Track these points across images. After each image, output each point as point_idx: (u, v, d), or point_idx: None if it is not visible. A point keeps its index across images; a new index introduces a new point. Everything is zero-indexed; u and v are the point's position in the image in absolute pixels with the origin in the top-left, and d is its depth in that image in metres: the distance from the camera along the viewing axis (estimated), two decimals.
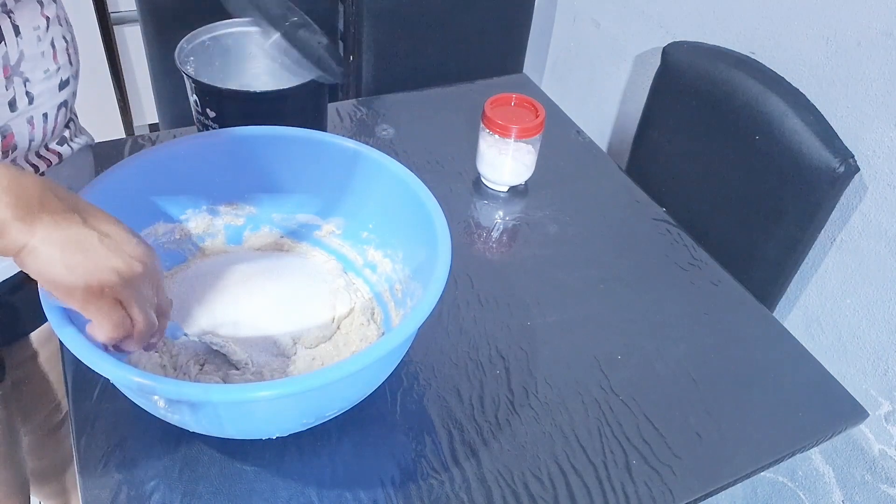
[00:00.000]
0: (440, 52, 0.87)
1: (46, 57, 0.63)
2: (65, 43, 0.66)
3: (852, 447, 1.05)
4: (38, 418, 0.90)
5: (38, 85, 0.63)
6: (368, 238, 0.75)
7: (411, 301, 0.68)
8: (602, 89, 1.46)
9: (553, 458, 0.67)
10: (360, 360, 0.52)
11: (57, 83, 0.65)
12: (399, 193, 0.69)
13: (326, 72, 0.81)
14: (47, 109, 0.65)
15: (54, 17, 0.64)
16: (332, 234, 0.77)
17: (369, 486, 0.63)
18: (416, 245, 0.68)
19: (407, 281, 0.70)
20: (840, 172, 0.91)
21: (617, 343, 0.78)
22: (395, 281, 0.72)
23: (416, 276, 0.68)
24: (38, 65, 0.62)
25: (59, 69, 0.65)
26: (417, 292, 0.66)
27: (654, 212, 0.97)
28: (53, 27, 0.64)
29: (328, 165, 0.73)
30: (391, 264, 0.73)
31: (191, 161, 0.71)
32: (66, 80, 0.67)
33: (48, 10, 0.64)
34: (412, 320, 0.55)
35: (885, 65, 0.89)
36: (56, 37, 0.65)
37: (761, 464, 0.69)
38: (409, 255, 0.71)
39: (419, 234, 0.66)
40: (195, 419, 0.55)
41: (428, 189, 0.67)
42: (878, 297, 0.97)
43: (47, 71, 0.63)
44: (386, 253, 0.74)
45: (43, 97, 0.64)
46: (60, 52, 0.65)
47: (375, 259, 0.75)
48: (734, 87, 1.03)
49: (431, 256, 0.62)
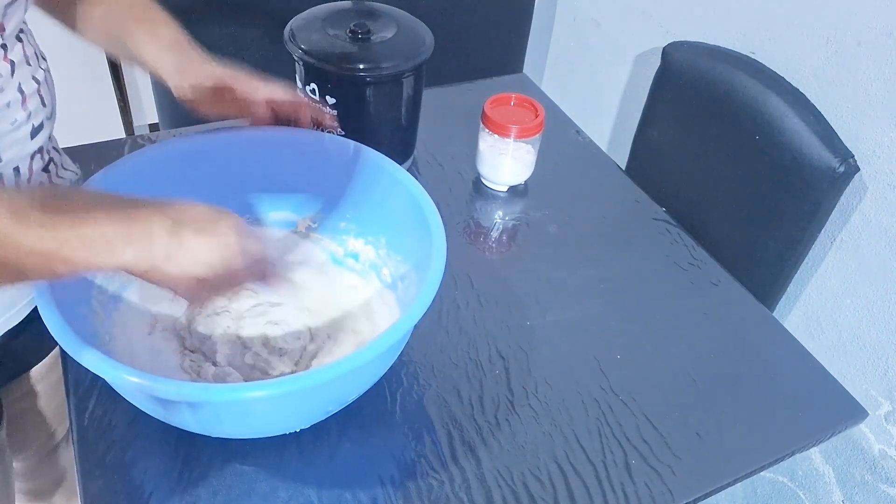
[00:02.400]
0: (439, 52, 0.87)
1: (13, 107, 0.57)
2: (35, 84, 0.60)
3: (852, 447, 1.05)
4: (34, 447, 0.87)
5: (3, 139, 0.57)
6: (347, 228, 0.76)
7: (402, 283, 0.68)
8: (602, 89, 1.46)
9: (553, 458, 0.67)
10: (352, 361, 0.52)
11: (28, 132, 0.59)
12: (390, 190, 0.70)
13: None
14: (18, 163, 0.59)
15: (21, 59, 0.58)
16: (334, 234, 0.77)
17: (369, 485, 0.63)
18: (412, 240, 0.68)
19: (404, 276, 0.70)
20: (840, 172, 0.91)
21: (617, 343, 0.78)
22: (390, 277, 0.73)
23: (414, 271, 0.68)
24: (3, 117, 0.56)
25: (29, 116, 0.59)
26: (411, 276, 0.66)
27: (654, 212, 0.97)
28: (20, 70, 0.57)
29: (330, 165, 0.73)
30: (388, 262, 0.73)
31: (189, 161, 0.71)
32: (40, 125, 0.61)
33: (13, 53, 0.57)
34: (411, 316, 0.55)
35: (885, 65, 0.89)
36: (24, 80, 0.58)
37: (761, 464, 0.69)
38: (406, 253, 0.71)
39: (413, 229, 0.66)
40: (195, 419, 0.55)
41: (420, 185, 0.68)
42: (878, 297, 0.97)
43: (14, 122, 0.57)
44: (367, 241, 0.75)
45: (12, 150, 0.58)
46: (31, 97, 0.59)
47: (357, 248, 0.75)
48: (734, 87, 1.03)
49: (427, 253, 0.62)
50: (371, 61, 0.83)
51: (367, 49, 0.84)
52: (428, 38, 0.87)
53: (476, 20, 1.48)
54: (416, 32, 0.88)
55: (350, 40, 0.84)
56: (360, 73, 0.83)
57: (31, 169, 0.62)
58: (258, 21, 1.31)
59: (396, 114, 0.90)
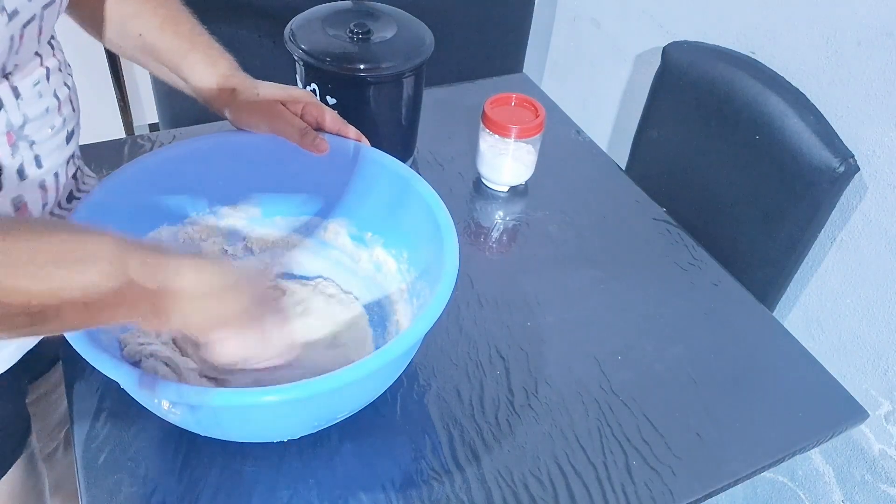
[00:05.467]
0: (439, 52, 0.87)
1: (51, 112, 0.59)
2: (67, 90, 0.62)
3: (852, 447, 1.05)
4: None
5: (44, 145, 0.58)
6: (373, 239, 0.75)
7: (417, 300, 0.68)
8: (602, 89, 1.46)
9: (553, 458, 0.67)
10: (364, 367, 0.52)
11: (64, 137, 0.61)
12: (403, 194, 0.70)
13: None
14: (58, 168, 0.61)
15: (55, 66, 0.60)
16: (337, 234, 0.77)
17: (369, 486, 0.63)
18: (422, 243, 0.68)
19: (413, 281, 0.70)
20: (840, 172, 0.91)
21: (617, 343, 0.78)
22: (401, 281, 0.72)
23: (423, 276, 0.68)
24: (44, 123, 0.58)
25: (64, 122, 0.61)
26: (424, 292, 0.66)
27: (654, 212, 0.97)
28: (54, 77, 0.60)
29: (331, 165, 0.73)
30: (396, 264, 0.73)
31: (193, 164, 0.71)
32: (73, 131, 0.63)
33: (48, 60, 0.59)
34: (418, 327, 0.55)
35: (885, 65, 0.89)
36: (58, 87, 0.60)
37: (761, 464, 0.69)
38: (414, 255, 0.71)
39: (425, 233, 0.66)
40: (195, 420, 0.55)
41: (433, 189, 0.68)
42: (878, 297, 0.97)
43: (53, 127, 0.59)
44: (391, 253, 0.74)
45: (52, 157, 0.60)
46: (65, 103, 0.61)
47: (380, 258, 0.75)
48: (734, 87, 1.03)
49: (438, 257, 0.62)
50: (371, 61, 0.83)
51: (367, 49, 0.84)
52: (428, 38, 0.87)
53: (476, 20, 1.48)
54: (416, 32, 0.88)
55: (350, 40, 0.84)
56: (360, 73, 0.83)
57: (67, 175, 0.63)
58: (258, 21, 1.31)
59: (396, 114, 0.90)
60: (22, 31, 0.52)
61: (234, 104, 0.70)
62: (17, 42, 0.52)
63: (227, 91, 0.70)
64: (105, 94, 1.73)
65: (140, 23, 0.70)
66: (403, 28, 0.87)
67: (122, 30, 0.71)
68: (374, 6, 0.90)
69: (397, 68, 0.84)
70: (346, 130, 0.72)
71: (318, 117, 0.71)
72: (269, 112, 0.70)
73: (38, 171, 0.58)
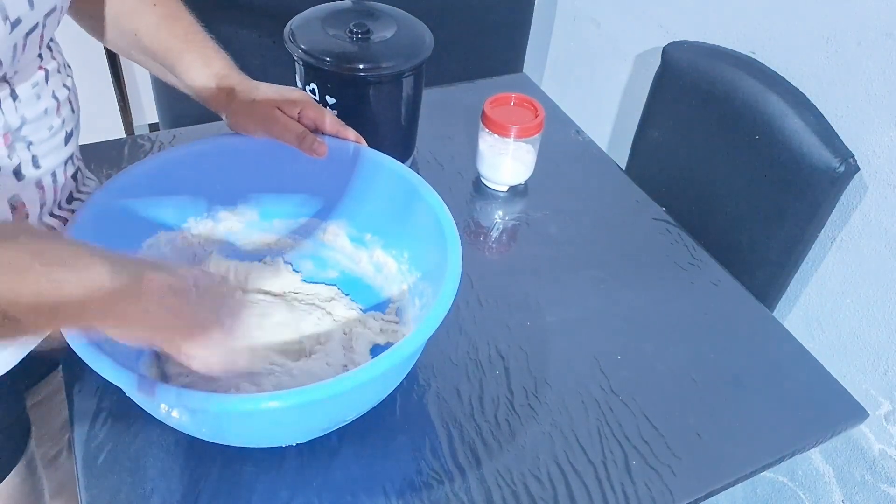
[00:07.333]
0: (439, 52, 0.87)
1: (50, 114, 0.59)
2: (66, 91, 0.62)
3: (852, 447, 1.05)
4: (38, 453, 0.87)
5: (42, 146, 0.58)
6: (373, 240, 0.75)
7: (420, 300, 0.68)
8: (602, 89, 1.46)
9: (553, 458, 0.67)
10: (367, 372, 0.52)
11: (62, 138, 0.61)
12: (404, 195, 0.70)
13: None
14: (55, 168, 0.61)
15: (54, 68, 0.60)
16: (336, 236, 0.77)
17: (369, 486, 0.63)
18: (424, 244, 0.68)
19: (416, 281, 0.70)
20: (840, 172, 0.91)
21: (617, 343, 0.78)
22: (402, 281, 0.72)
23: (426, 276, 0.68)
24: (42, 124, 0.58)
25: (63, 123, 0.61)
26: (427, 291, 0.66)
27: (654, 212, 0.97)
28: (53, 78, 0.59)
29: (330, 167, 0.73)
30: (396, 265, 0.73)
31: (192, 166, 0.71)
32: (71, 132, 0.62)
33: (47, 63, 0.59)
34: (423, 330, 0.55)
35: (885, 65, 0.89)
36: (57, 88, 0.60)
37: (761, 464, 0.69)
38: (415, 256, 0.71)
39: (427, 234, 0.66)
40: (194, 424, 0.55)
41: (433, 189, 0.68)
42: (878, 297, 0.97)
43: (51, 128, 0.59)
44: (391, 254, 0.74)
45: (49, 158, 0.59)
46: (63, 104, 0.61)
47: (380, 259, 0.75)
48: (734, 87, 1.03)
49: (441, 258, 0.62)
50: (371, 61, 0.83)
51: (367, 49, 0.84)
52: (428, 38, 0.87)
53: (476, 20, 1.48)
54: (416, 32, 0.88)
55: (350, 40, 0.84)
56: (360, 73, 0.83)
57: (66, 175, 0.63)
58: (258, 21, 1.31)
59: (396, 114, 0.90)
60: (25, 41, 0.52)
61: (232, 107, 0.70)
62: (20, 51, 0.52)
63: (225, 91, 0.70)
64: (105, 94, 1.73)
65: (136, 21, 0.70)
66: (403, 28, 0.87)
67: (120, 28, 0.70)
68: (373, 6, 0.90)
69: (397, 68, 0.84)
70: (344, 132, 0.71)
71: (316, 119, 0.71)
72: (266, 117, 0.70)
73: (35, 171, 0.58)
